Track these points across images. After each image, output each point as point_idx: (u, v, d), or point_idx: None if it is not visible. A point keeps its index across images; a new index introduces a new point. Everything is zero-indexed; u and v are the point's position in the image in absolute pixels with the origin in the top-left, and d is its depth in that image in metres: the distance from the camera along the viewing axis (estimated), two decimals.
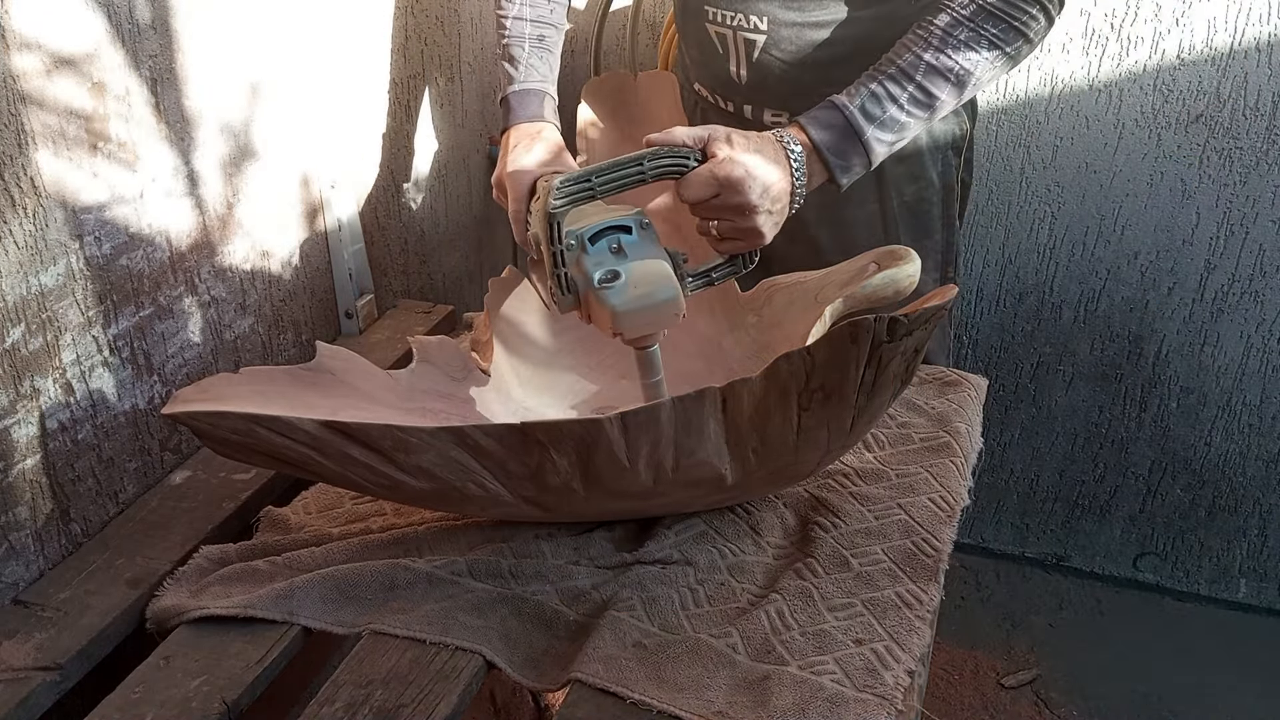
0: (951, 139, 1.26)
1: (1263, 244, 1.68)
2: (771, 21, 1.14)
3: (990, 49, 1.03)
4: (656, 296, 0.94)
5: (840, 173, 1.04)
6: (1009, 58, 1.05)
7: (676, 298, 0.94)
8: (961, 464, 1.08)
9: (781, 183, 0.99)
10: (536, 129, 1.14)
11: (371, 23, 1.41)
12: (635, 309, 0.93)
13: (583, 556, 0.97)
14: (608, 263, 0.95)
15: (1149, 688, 1.81)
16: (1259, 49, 1.55)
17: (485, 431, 0.81)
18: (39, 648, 0.88)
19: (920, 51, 1.02)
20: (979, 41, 1.02)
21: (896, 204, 1.25)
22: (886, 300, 1.00)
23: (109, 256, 1.02)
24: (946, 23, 1.02)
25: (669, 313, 0.94)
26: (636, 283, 0.94)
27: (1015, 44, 1.04)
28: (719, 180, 0.95)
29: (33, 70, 0.91)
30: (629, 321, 0.94)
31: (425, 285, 1.63)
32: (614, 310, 0.93)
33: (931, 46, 1.02)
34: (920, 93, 1.03)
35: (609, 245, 0.96)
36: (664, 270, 0.95)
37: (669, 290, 0.94)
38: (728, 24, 1.17)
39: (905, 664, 0.83)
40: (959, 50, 1.02)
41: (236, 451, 0.87)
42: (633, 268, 0.95)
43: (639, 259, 0.96)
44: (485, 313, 1.19)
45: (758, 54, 1.17)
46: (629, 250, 0.96)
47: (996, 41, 1.02)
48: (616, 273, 0.94)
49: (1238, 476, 1.86)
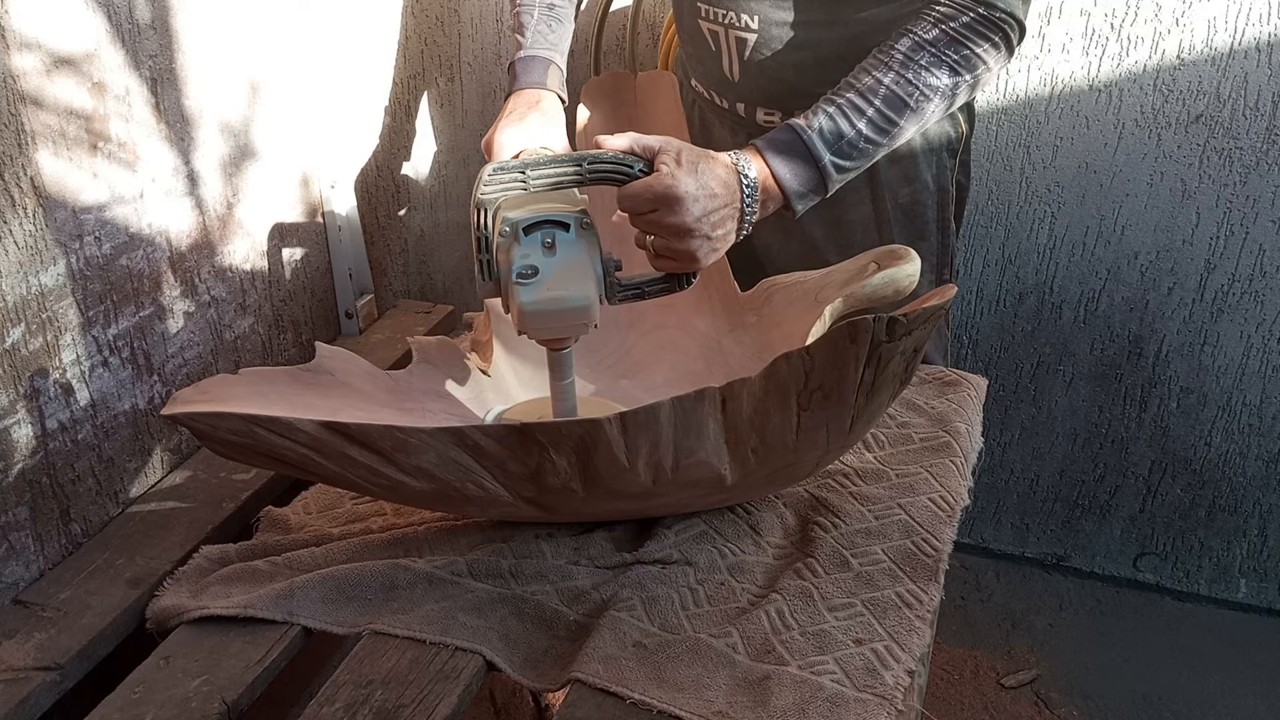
0: (946, 141, 1.25)
1: (1263, 244, 1.68)
2: (762, 20, 1.14)
3: (951, 75, 1.01)
4: (567, 302, 0.91)
5: (795, 199, 1.02)
6: (968, 85, 1.03)
7: (588, 307, 0.92)
8: (961, 464, 1.08)
9: (727, 209, 0.96)
10: (536, 97, 1.13)
11: (371, 23, 1.42)
12: (543, 310, 0.91)
13: (583, 556, 0.97)
14: (534, 257, 0.92)
15: (1149, 688, 1.80)
16: (1259, 49, 1.55)
17: (485, 432, 0.81)
18: (39, 648, 0.89)
19: (880, 75, 1.01)
20: (940, 66, 1.01)
21: (891, 206, 1.25)
22: (886, 300, 1.00)
23: (109, 256, 1.02)
24: (908, 46, 1.01)
25: (577, 320, 0.92)
26: (553, 284, 0.91)
27: (975, 71, 1.02)
28: (656, 196, 0.92)
29: (33, 70, 0.91)
30: (535, 321, 0.92)
31: (425, 285, 1.63)
32: (521, 307, 0.91)
33: (892, 70, 1.01)
34: (879, 117, 1.01)
35: (543, 239, 0.93)
36: (584, 276, 0.93)
37: (581, 298, 0.91)
38: (720, 21, 1.17)
39: (905, 664, 0.83)
40: (919, 75, 1.01)
41: (236, 452, 0.87)
42: (555, 267, 0.92)
43: (566, 259, 0.93)
44: (485, 313, 1.19)
45: (749, 52, 1.17)
46: (560, 248, 0.93)
47: (957, 67, 1.01)
48: (536, 269, 0.92)
49: (1238, 476, 1.86)
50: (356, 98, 1.40)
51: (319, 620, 0.89)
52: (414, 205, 1.56)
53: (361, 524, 1.03)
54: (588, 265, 0.94)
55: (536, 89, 1.14)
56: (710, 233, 0.95)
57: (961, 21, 1.00)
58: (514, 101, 1.13)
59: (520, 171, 0.91)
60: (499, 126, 1.10)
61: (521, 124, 1.09)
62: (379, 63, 1.44)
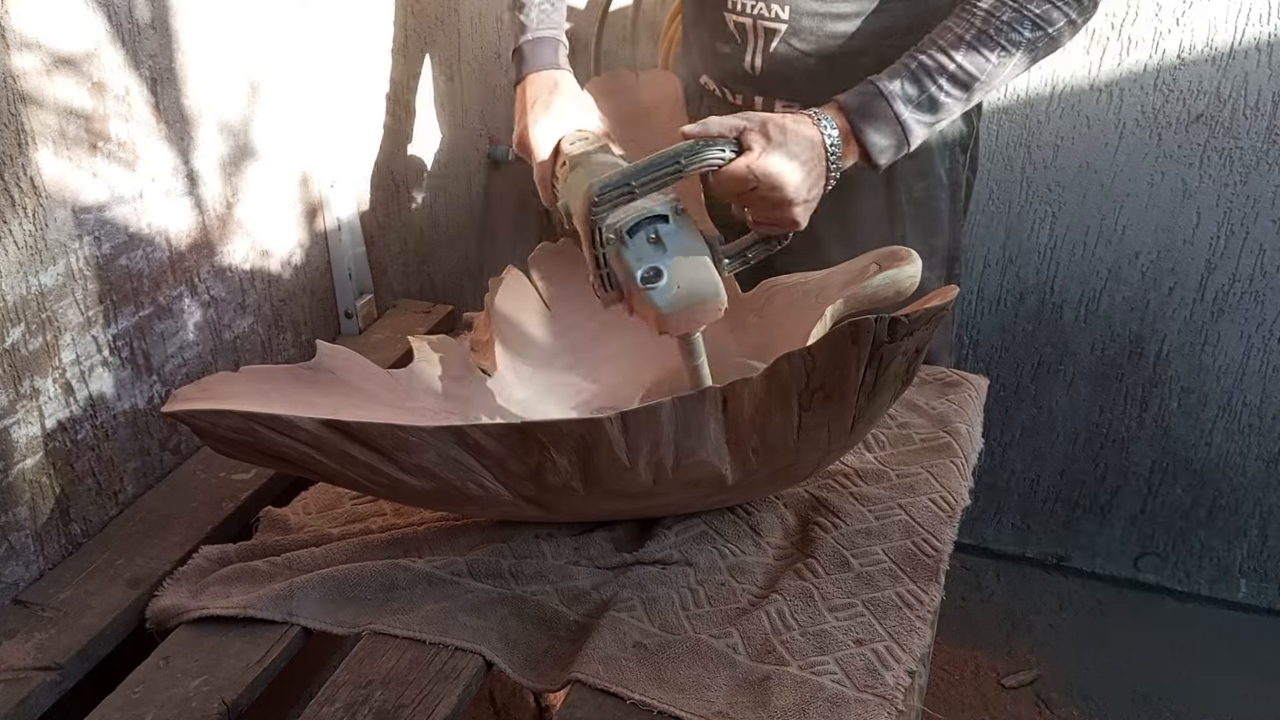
0: (960, 137, 1.26)
1: (1263, 244, 1.68)
2: (794, 11, 1.14)
3: (1033, 29, 1.02)
4: (700, 296, 0.94)
5: (878, 154, 1.04)
6: (1049, 40, 1.04)
7: (719, 295, 0.94)
8: (962, 464, 1.08)
9: (816, 170, 1.00)
10: (553, 80, 1.13)
11: (371, 22, 1.41)
12: (680, 309, 0.94)
13: (583, 557, 0.97)
14: (648, 257, 0.95)
15: (1149, 688, 1.80)
16: (1259, 49, 1.55)
17: (485, 431, 0.81)
18: (39, 648, 0.88)
19: (963, 31, 1.02)
20: (1022, 22, 1.02)
21: (905, 200, 1.25)
22: (888, 301, 1.00)
23: (109, 256, 1.02)
24: (990, 4, 1.02)
25: (713, 309, 0.95)
26: (679, 281, 0.94)
27: (1056, 25, 1.03)
28: (756, 176, 0.96)
29: (32, 70, 0.91)
30: (675, 322, 0.94)
31: (425, 285, 1.63)
32: (660, 312, 0.93)
33: (974, 26, 1.02)
34: (961, 72, 1.02)
35: (647, 236, 0.96)
36: (705, 266, 0.95)
37: (711, 288, 0.94)
38: (749, 13, 1.17)
39: (906, 664, 0.83)
40: (1001, 29, 1.01)
41: (236, 450, 0.87)
42: (674, 264, 0.95)
43: (679, 252, 0.95)
44: (485, 313, 1.19)
45: (776, 43, 1.17)
46: (667, 241, 0.96)
47: (1040, 22, 1.02)
48: (659, 270, 0.94)
49: (1238, 476, 1.86)
50: (356, 97, 1.40)
51: (319, 620, 0.89)
52: (414, 205, 1.56)
53: (361, 524, 1.03)
54: (701, 251, 0.97)
55: (550, 70, 1.14)
56: (807, 196, 0.99)
57: None
58: (532, 89, 1.13)
59: (627, 184, 0.93)
60: (531, 119, 1.10)
61: (550, 112, 1.10)
62: (379, 62, 1.44)
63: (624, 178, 0.93)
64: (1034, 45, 1.04)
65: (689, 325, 0.95)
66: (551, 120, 1.10)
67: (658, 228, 0.96)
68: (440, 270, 1.66)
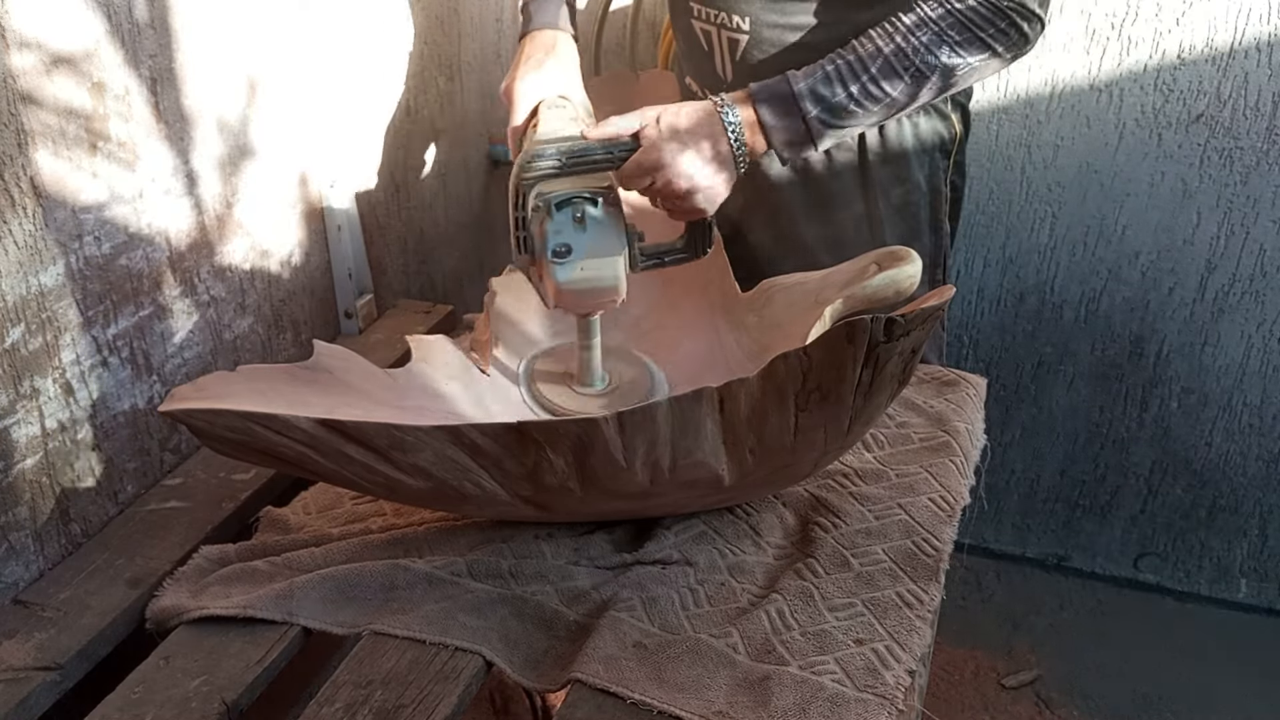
0: (939, 142, 1.25)
1: (1263, 244, 1.68)
2: (754, 22, 1.15)
3: (951, 55, 1.02)
4: (599, 282, 0.99)
5: (782, 147, 1.06)
6: (971, 69, 1.04)
7: (617, 286, 1.00)
8: (961, 463, 1.08)
9: (716, 158, 1.02)
10: (552, 40, 1.17)
11: (371, 22, 1.41)
12: (577, 289, 0.99)
13: (582, 557, 0.97)
14: (566, 233, 0.99)
15: (1149, 688, 1.80)
16: (1259, 49, 1.55)
17: (482, 430, 0.81)
18: (39, 648, 0.88)
19: (881, 44, 1.03)
20: (940, 45, 1.02)
21: (883, 206, 1.25)
22: (887, 301, 1.00)
23: (109, 256, 1.02)
24: (911, 22, 1.02)
25: (607, 298, 1.01)
26: (586, 264, 0.99)
27: (979, 55, 1.03)
28: (645, 169, 1.00)
29: (32, 70, 0.91)
30: (569, 300, 1.00)
31: (425, 285, 1.63)
32: (558, 286, 0.99)
33: (893, 41, 1.03)
34: (872, 84, 1.03)
35: (573, 214, 1.00)
36: (614, 255, 1.00)
37: (612, 279, 0.99)
38: (712, 21, 1.18)
39: (906, 664, 0.83)
40: (918, 50, 1.02)
41: (234, 450, 0.87)
42: (587, 246, 0.99)
43: (596, 237, 1.00)
44: (485, 313, 1.19)
45: (741, 53, 1.17)
46: (590, 224, 1.00)
47: (958, 49, 1.02)
48: (569, 247, 0.99)
49: (1238, 476, 1.86)
50: (356, 97, 1.40)
51: (319, 620, 0.89)
52: (414, 205, 1.56)
53: (361, 524, 1.03)
54: (616, 241, 1.01)
55: (551, 29, 1.18)
56: (704, 184, 1.02)
57: (969, 4, 1.01)
58: (530, 45, 1.16)
59: (558, 159, 0.99)
60: (520, 74, 1.14)
61: (540, 71, 1.13)
62: (379, 62, 1.44)
63: (557, 154, 0.99)
64: (950, 72, 1.03)
65: (582, 306, 1.02)
66: (539, 78, 1.13)
67: (586, 209, 1.00)
68: (440, 270, 1.66)
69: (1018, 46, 1.05)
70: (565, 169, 1.00)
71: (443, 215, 1.65)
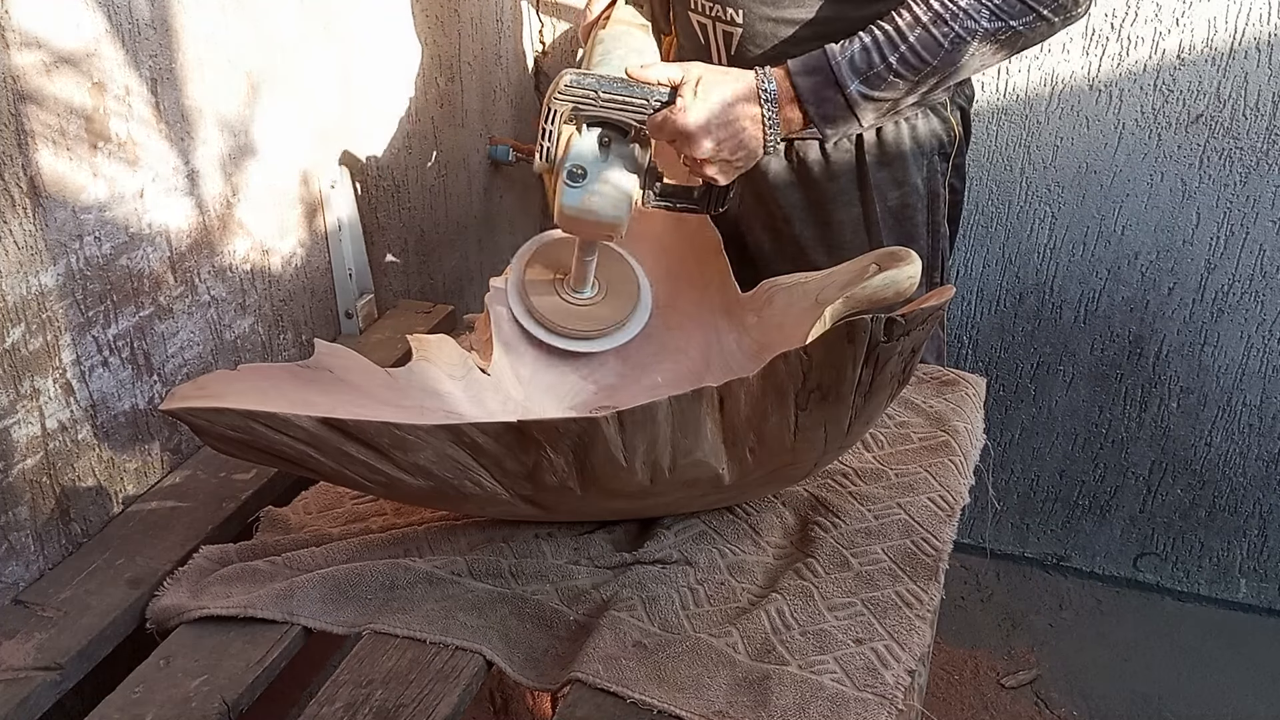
0: (938, 144, 1.24)
1: (1263, 244, 1.68)
2: (747, 15, 1.15)
3: (992, 19, 1.01)
4: (602, 213, 1.01)
5: (822, 123, 1.05)
6: (1014, 33, 1.02)
7: (618, 221, 1.02)
8: (961, 463, 1.08)
9: (747, 131, 1.02)
10: None
11: (371, 22, 1.42)
12: (579, 214, 1.02)
13: (583, 556, 0.97)
14: (587, 156, 1.01)
15: (1149, 688, 1.80)
16: (1259, 49, 1.55)
17: (482, 429, 0.81)
18: (39, 648, 0.88)
19: (920, 12, 1.02)
20: (978, 10, 1.00)
21: (880, 209, 1.25)
22: (887, 302, 1.00)
23: (109, 256, 1.02)
24: None
25: (605, 229, 1.03)
26: (595, 191, 1.01)
27: (1023, 19, 1.01)
28: (673, 130, 1.01)
29: (32, 69, 0.91)
30: (568, 222, 1.03)
31: (425, 285, 1.63)
32: (561, 207, 1.01)
33: (930, 9, 1.02)
34: (912, 54, 1.02)
35: (601, 138, 1.02)
36: (625, 191, 1.02)
37: (615, 212, 1.01)
38: (708, 14, 1.18)
39: (905, 663, 0.83)
40: (956, 18, 1.01)
41: (234, 448, 0.87)
42: (602, 174, 1.01)
43: (615, 166, 1.02)
44: (485, 313, 1.19)
45: (736, 46, 1.18)
46: (612, 153, 1.02)
47: (1000, 14, 1.00)
48: (585, 171, 1.01)
49: (1238, 476, 1.86)
50: (356, 97, 1.40)
51: (319, 620, 0.89)
52: (414, 205, 1.56)
53: (361, 524, 1.03)
54: (630, 179, 1.03)
55: None
56: (726, 156, 1.03)
57: None
58: None
59: (594, 90, 1.00)
60: None
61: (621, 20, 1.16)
62: (379, 62, 1.44)
63: (597, 84, 1.00)
64: (993, 36, 1.01)
65: (579, 230, 1.05)
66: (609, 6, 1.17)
67: (613, 136, 1.02)
68: (440, 270, 1.66)
69: (1066, 9, 1.02)
70: (598, 103, 1.00)
71: (443, 215, 1.65)
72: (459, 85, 1.64)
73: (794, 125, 1.05)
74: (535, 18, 1.87)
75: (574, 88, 1.00)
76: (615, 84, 1.01)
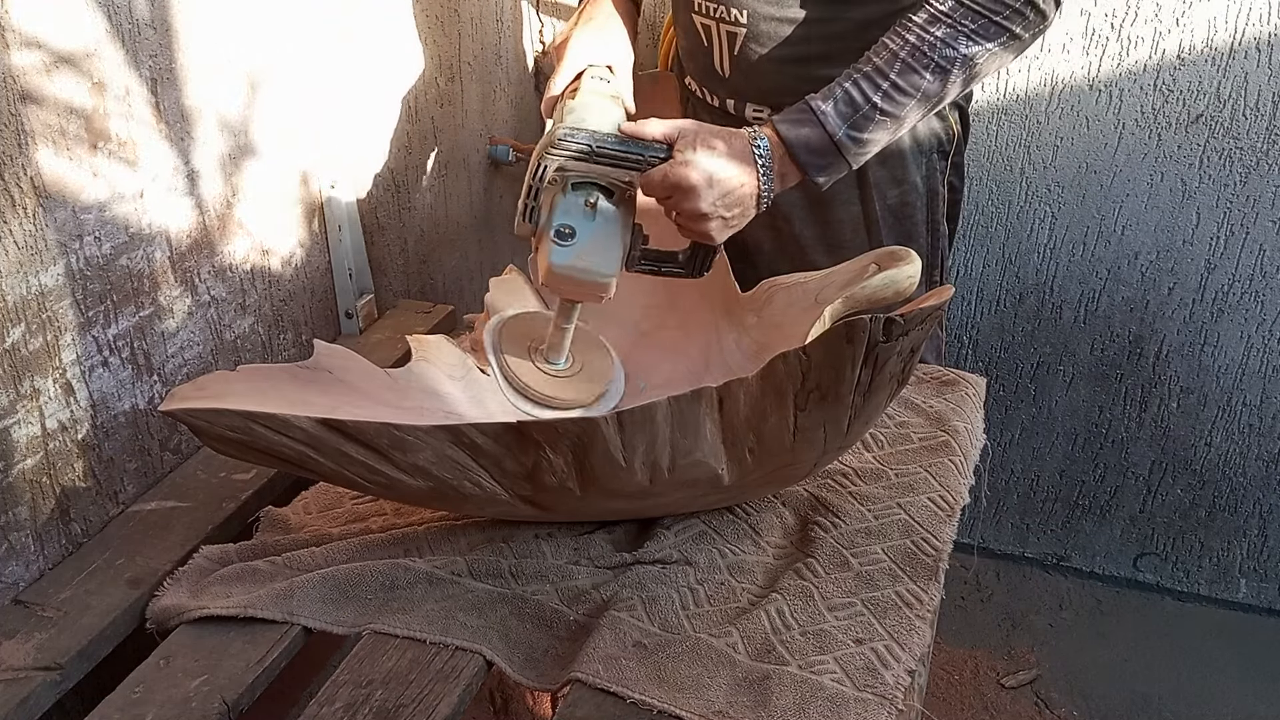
0: (936, 143, 1.25)
1: (1263, 244, 1.68)
2: (751, 15, 1.15)
3: (970, 44, 1.01)
4: (590, 275, 0.99)
5: (816, 172, 1.04)
6: (992, 54, 1.03)
7: (607, 284, 1.00)
8: (961, 463, 1.08)
9: (744, 187, 1.01)
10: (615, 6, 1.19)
11: (372, 22, 1.42)
12: (568, 275, 0.99)
13: (583, 556, 0.97)
14: (574, 215, 0.99)
15: (1149, 688, 1.80)
16: (1259, 49, 1.55)
17: (481, 429, 0.81)
18: (39, 648, 0.88)
19: (896, 48, 1.02)
20: (955, 38, 1.01)
21: (880, 207, 1.25)
22: (886, 301, 1.00)
23: (109, 256, 1.02)
24: (924, 19, 1.02)
25: (594, 291, 1.01)
26: (584, 253, 0.98)
27: (998, 39, 1.02)
28: (671, 185, 0.98)
29: (32, 69, 0.91)
30: (557, 282, 1.00)
31: (425, 285, 1.63)
32: (551, 267, 0.99)
33: (908, 42, 1.02)
34: (894, 90, 1.02)
35: (585, 198, 1.00)
36: (613, 249, 1.00)
37: (603, 275, 0.99)
38: (712, 15, 1.18)
39: (905, 663, 0.83)
40: (934, 48, 1.01)
41: (234, 449, 0.87)
42: (590, 235, 0.99)
43: (602, 228, 1.00)
44: (485, 313, 1.19)
45: (739, 47, 1.17)
46: (600, 214, 1.00)
47: (975, 38, 1.01)
48: (574, 231, 0.99)
49: (1238, 476, 1.86)
50: (356, 97, 1.40)
51: (319, 620, 0.89)
52: (414, 205, 1.56)
53: (361, 524, 1.03)
54: (618, 238, 1.01)
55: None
56: (724, 213, 1.01)
57: None
58: (593, 7, 1.18)
59: (588, 146, 0.98)
60: (575, 30, 1.14)
61: (599, 32, 1.15)
62: (379, 62, 1.44)
63: (590, 139, 0.98)
64: (970, 62, 1.03)
65: (567, 292, 1.03)
66: (595, 39, 1.14)
67: (600, 198, 1.00)
68: (440, 270, 1.66)
69: (1035, 25, 1.03)
70: (593, 157, 0.99)
71: (443, 215, 1.65)
72: (459, 85, 1.64)
73: (788, 180, 1.05)
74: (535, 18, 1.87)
75: (568, 141, 0.98)
76: (610, 139, 0.99)
